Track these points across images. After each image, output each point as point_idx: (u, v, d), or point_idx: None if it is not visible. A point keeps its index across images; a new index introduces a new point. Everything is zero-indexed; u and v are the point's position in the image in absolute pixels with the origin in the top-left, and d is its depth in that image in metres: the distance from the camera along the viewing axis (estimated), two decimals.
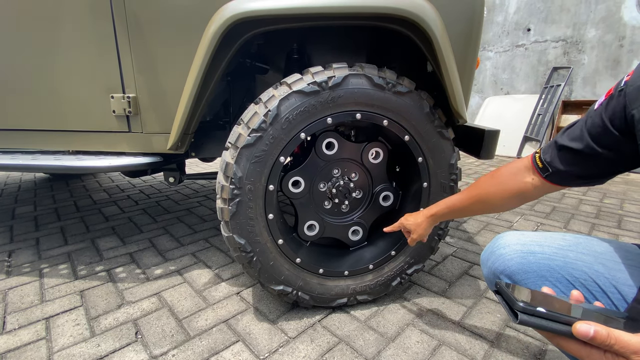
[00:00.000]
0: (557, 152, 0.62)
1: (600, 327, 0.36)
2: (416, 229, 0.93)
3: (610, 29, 3.90)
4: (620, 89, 0.53)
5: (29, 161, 1.13)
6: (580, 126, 0.59)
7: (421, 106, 1.00)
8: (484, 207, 0.78)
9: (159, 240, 1.68)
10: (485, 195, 0.75)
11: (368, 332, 1.03)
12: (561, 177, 0.63)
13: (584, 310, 0.42)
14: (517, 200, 0.72)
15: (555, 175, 0.63)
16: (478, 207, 0.78)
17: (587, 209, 2.26)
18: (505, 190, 0.72)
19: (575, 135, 0.59)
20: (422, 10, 0.88)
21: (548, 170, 0.64)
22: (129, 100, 1.07)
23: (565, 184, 0.64)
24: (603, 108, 0.55)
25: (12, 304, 1.15)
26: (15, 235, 1.72)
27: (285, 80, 0.93)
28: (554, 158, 0.63)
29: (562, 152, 0.61)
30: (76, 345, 0.97)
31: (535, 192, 0.68)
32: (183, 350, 0.95)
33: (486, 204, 0.76)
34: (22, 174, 3.17)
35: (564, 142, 0.61)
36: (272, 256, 1.01)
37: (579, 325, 0.37)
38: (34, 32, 1.06)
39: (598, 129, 0.56)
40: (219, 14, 0.92)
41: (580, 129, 0.59)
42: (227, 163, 0.92)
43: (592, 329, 0.36)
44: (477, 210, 0.79)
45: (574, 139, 0.59)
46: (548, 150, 0.65)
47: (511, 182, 0.71)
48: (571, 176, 0.62)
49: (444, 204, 0.86)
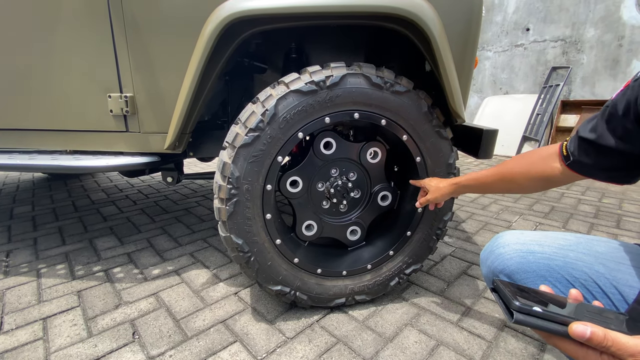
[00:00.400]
0: (577, 142, 0.62)
1: (597, 328, 0.35)
2: (435, 191, 0.96)
3: (609, 29, 3.90)
4: (636, 79, 0.52)
5: (26, 161, 1.12)
6: (599, 117, 0.59)
7: (419, 106, 1.00)
8: (509, 186, 0.79)
9: (157, 240, 1.68)
10: (512, 174, 0.76)
11: (366, 332, 1.03)
12: (582, 167, 0.63)
13: (582, 309, 0.41)
14: (542, 183, 0.72)
15: (577, 164, 0.63)
16: (503, 184, 0.80)
17: (586, 208, 2.26)
18: (533, 172, 0.72)
19: (592, 126, 0.59)
20: (420, 10, 0.88)
21: (570, 159, 0.64)
22: (126, 99, 1.07)
23: (587, 175, 0.64)
24: (620, 98, 0.55)
25: (10, 304, 1.15)
26: (13, 235, 1.72)
27: (283, 79, 0.93)
28: (575, 147, 0.63)
29: (582, 142, 0.61)
30: (73, 346, 0.96)
31: (562, 178, 0.68)
32: (180, 350, 0.95)
33: (512, 182, 0.77)
34: (20, 173, 3.16)
35: (583, 133, 0.61)
36: (269, 256, 1.01)
37: (575, 325, 0.36)
38: (31, 31, 1.06)
39: (613, 118, 0.55)
40: (215, 13, 0.91)
41: (597, 119, 0.59)
42: (225, 163, 0.91)
43: (588, 329, 0.35)
44: (501, 188, 0.81)
45: (591, 130, 0.59)
46: (573, 140, 0.65)
47: (540, 164, 0.71)
48: (592, 167, 0.62)
49: (470, 176, 0.88)
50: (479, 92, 5.22)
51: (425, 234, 1.14)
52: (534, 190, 0.76)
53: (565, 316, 0.38)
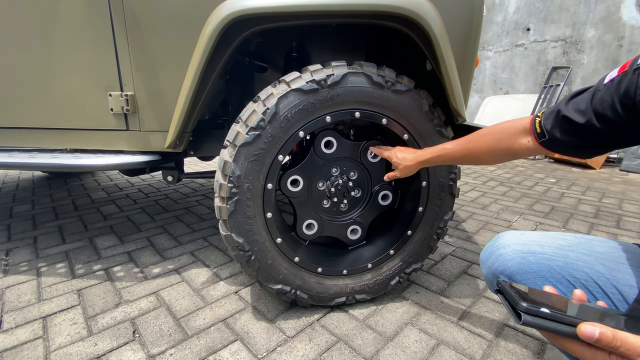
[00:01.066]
0: (558, 121, 0.62)
1: (605, 328, 0.35)
2: (403, 169, 0.96)
3: (610, 29, 3.90)
4: (636, 67, 0.50)
5: (26, 159, 1.12)
6: (587, 99, 0.58)
7: (420, 105, 1.00)
8: (474, 161, 0.82)
9: (157, 239, 1.68)
10: (479, 149, 0.78)
11: (367, 331, 1.03)
12: (555, 144, 0.64)
13: (587, 309, 0.41)
14: (507, 157, 0.75)
15: (551, 142, 0.64)
16: (469, 159, 0.82)
17: (586, 208, 2.26)
18: (500, 148, 0.73)
19: (580, 108, 0.58)
20: (421, 9, 0.88)
21: (544, 137, 0.64)
22: (127, 98, 1.07)
23: (557, 151, 0.66)
24: (614, 85, 0.54)
25: (9, 303, 1.15)
26: (12, 234, 1.72)
27: (284, 78, 0.93)
28: (554, 126, 0.63)
29: (563, 122, 0.61)
30: (73, 345, 0.96)
31: (526, 153, 0.70)
32: (181, 349, 0.95)
33: (478, 158, 0.80)
34: (20, 172, 3.16)
35: (567, 113, 0.60)
36: (270, 255, 1.01)
37: (584, 326, 0.36)
38: (31, 29, 1.05)
39: (605, 105, 0.54)
40: (216, 11, 0.91)
41: (586, 103, 0.58)
42: (226, 161, 0.91)
43: (597, 330, 0.35)
44: (467, 162, 0.84)
45: (578, 111, 0.58)
46: (549, 117, 0.64)
47: (507, 141, 0.72)
48: (565, 145, 0.63)
49: (437, 152, 0.88)
50: (479, 92, 5.22)
51: (425, 233, 1.14)
52: (496, 163, 0.79)
53: (573, 317, 0.38)
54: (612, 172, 3.50)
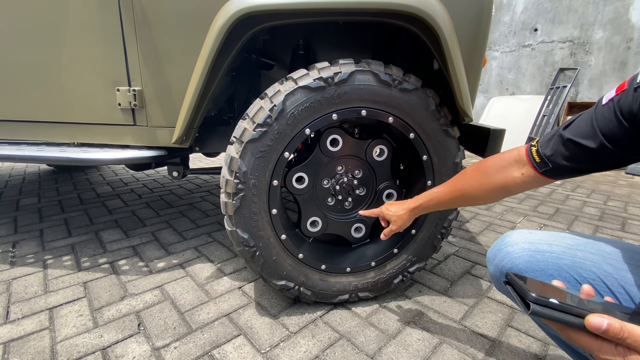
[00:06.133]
0: (561, 147, 0.59)
1: (613, 320, 0.36)
2: (397, 220, 0.92)
3: (618, 31, 3.86)
4: (636, 86, 0.50)
5: (34, 152, 1.14)
6: (590, 122, 0.56)
7: (427, 104, 1.00)
8: (468, 201, 0.77)
9: (162, 234, 1.69)
10: (469, 189, 0.75)
11: (369, 328, 1.04)
12: (559, 171, 0.61)
13: (594, 303, 0.41)
14: (501, 193, 0.71)
15: (555, 170, 0.61)
16: (461, 201, 0.78)
17: (590, 211, 2.25)
18: (490, 184, 0.70)
19: (586, 133, 0.56)
20: (430, 7, 0.88)
21: (547, 165, 0.61)
22: (134, 93, 1.08)
23: (560, 178, 0.63)
24: (615, 105, 0.53)
25: (16, 294, 1.16)
26: (19, 227, 1.74)
27: (292, 75, 0.93)
28: (555, 153, 0.60)
29: (568, 147, 0.58)
30: (79, 336, 0.97)
31: (524, 186, 0.67)
32: (185, 342, 0.96)
33: (470, 198, 0.76)
34: (27, 165, 3.19)
35: (572, 137, 0.58)
36: (274, 251, 1.01)
37: (592, 317, 0.37)
38: (41, 25, 1.06)
39: (611, 125, 0.53)
40: (225, 8, 0.92)
41: (591, 126, 0.56)
42: (232, 157, 0.92)
43: (605, 322, 0.36)
44: (461, 203, 0.79)
45: (586, 137, 0.56)
46: (548, 145, 0.61)
47: (498, 176, 0.69)
48: (570, 170, 0.60)
49: (427, 197, 0.85)
50: (485, 92, 5.19)
51: (429, 232, 1.14)
52: (494, 201, 0.74)
53: (581, 308, 0.39)
54: (617, 175, 3.47)
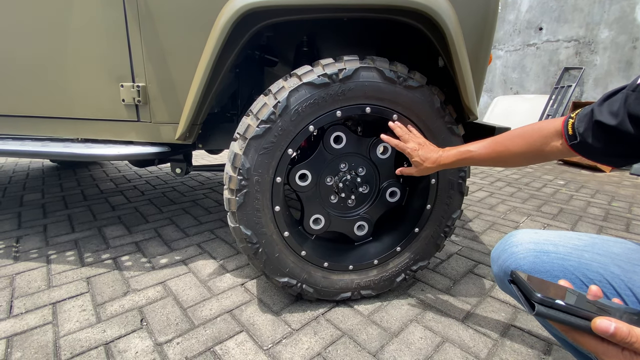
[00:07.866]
0: (591, 124, 0.60)
1: (621, 324, 0.35)
2: (422, 168, 0.91)
3: (624, 30, 3.83)
4: None
5: (38, 148, 1.14)
6: (620, 100, 0.56)
7: (432, 101, 0.99)
8: (502, 164, 0.79)
9: (164, 230, 1.69)
10: (508, 154, 0.75)
11: (371, 326, 1.03)
12: (586, 149, 0.62)
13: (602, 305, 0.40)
14: (536, 160, 0.73)
15: (581, 146, 0.62)
16: (495, 162, 0.79)
17: (595, 211, 2.24)
18: (531, 152, 0.71)
19: (613, 110, 0.56)
20: (436, 4, 0.87)
21: (576, 139, 0.62)
22: (138, 89, 1.08)
23: (588, 157, 0.63)
24: None
25: (20, 289, 1.17)
26: (23, 222, 1.74)
27: (296, 71, 0.93)
28: (587, 130, 0.60)
29: (596, 126, 0.59)
30: (82, 331, 0.98)
31: (557, 155, 0.68)
32: (187, 338, 0.96)
33: (506, 161, 0.77)
34: (31, 161, 3.20)
35: (599, 116, 0.58)
36: (277, 248, 1.01)
37: (599, 320, 0.36)
38: (45, 19, 1.06)
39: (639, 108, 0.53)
40: (230, 4, 0.91)
41: (619, 105, 0.56)
42: (236, 154, 0.91)
43: (612, 325, 0.35)
44: (492, 164, 0.81)
45: (612, 114, 0.56)
46: (583, 119, 0.62)
47: (539, 144, 0.70)
48: (596, 151, 0.60)
49: (462, 155, 0.84)
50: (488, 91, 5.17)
51: (433, 231, 1.14)
52: (524, 165, 0.76)
53: (588, 311, 0.38)
54: (622, 175, 3.45)
